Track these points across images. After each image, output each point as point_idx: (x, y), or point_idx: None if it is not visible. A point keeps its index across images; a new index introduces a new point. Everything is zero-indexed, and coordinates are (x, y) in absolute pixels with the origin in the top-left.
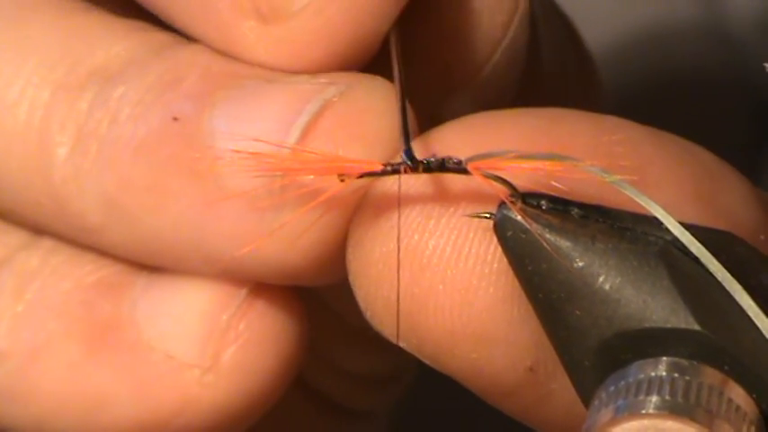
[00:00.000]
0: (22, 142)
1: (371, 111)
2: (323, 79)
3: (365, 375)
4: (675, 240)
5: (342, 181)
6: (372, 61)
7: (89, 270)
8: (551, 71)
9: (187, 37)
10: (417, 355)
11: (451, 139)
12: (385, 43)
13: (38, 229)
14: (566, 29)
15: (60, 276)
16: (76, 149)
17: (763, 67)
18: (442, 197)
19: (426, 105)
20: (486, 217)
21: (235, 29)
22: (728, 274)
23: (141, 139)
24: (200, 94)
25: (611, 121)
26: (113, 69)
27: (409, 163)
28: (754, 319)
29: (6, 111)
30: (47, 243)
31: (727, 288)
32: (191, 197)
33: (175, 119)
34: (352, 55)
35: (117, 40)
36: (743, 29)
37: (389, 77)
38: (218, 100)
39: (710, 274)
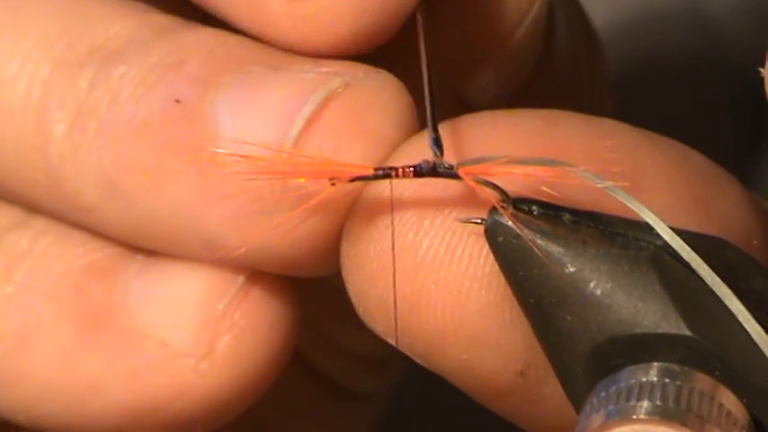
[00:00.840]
0: (20, 118)
1: (376, 105)
2: (326, 68)
3: (366, 355)
4: (667, 246)
5: (333, 185)
6: (395, 38)
7: (81, 253)
8: (564, 48)
9: (209, 14)
10: (409, 354)
11: (448, 141)
12: (410, 19)
13: (30, 207)
14: (574, 5)
15: (51, 258)
16: (75, 127)
17: (758, 72)
18: (436, 200)
19: (451, 80)
20: (477, 222)
21: (262, 5)
22: (719, 280)
23: (142, 120)
24: (204, 77)
25: (607, 125)
26: (113, 48)
27: (437, 152)
28: (744, 324)
29: (4, 86)
30: (37, 223)
31: (718, 293)
32: (190, 181)
33: (178, 101)
34: (377, 33)
35: (117, 19)
36: (722, 12)
37: (412, 55)
38: (221, 84)
39: (701, 279)
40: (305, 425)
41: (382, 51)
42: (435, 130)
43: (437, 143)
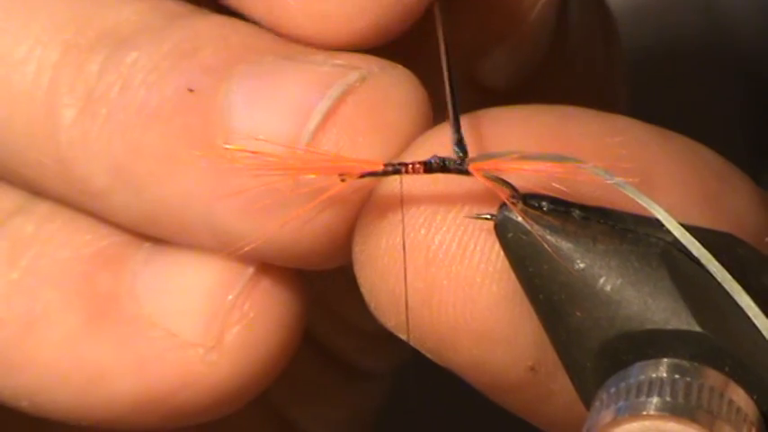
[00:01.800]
0: (29, 102)
1: (393, 101)
2: (340, 60)
3: (374, 333)
4: (677, 242)
5: (343, 181)
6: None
7: (88, 240)
8: (578, 28)
9: (221, 4)
10: (420, 348)
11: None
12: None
13: (36, 191)
14: None
15: (58, 244)
16: (85, 112)
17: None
18: (447, 196)
19: (465, 62)
20: (487, 218)
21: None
22: (729, 276)
23: (154, 108)
24: (218, 66)
25: (619, 122)
26: (124, 33)
27: (460, 152)
28: (754, 320)
29: (13, 69)
30: (42, 208)
31: (728, 289)
32: (201, 171)
33: (191, 90)
34: (393, 27)
35: (128, 4)
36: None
37: (426, 45)
38: (236, 74)
39: (711, 275)
40: (312, 403)
41: (397, 42)
42: (458, 131)
43: (460, 144)
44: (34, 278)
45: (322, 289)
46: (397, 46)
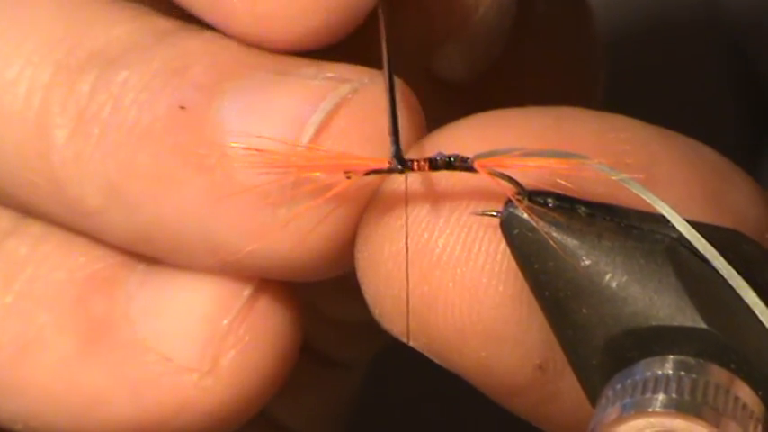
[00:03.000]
0: (20, 122)
1: (385, 111)
2: (331, 73)
3: (348, 323)
4: (682, 238)
5: (348, 178)
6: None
7: (82, 262)
8: (543, 12)
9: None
10: (426, 353)
11: (460, 137)
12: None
13: (28, 211)
14: None
15: (51, 267)
16: (77, 132)
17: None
18: (451, 195)
19: (416, 60)
20: (492, 215)
21: (223, 1)
22: (735, 272)
23: (146, 127)
24: (209, 83)
25: (619, 121)
26: (114, 53)
27: (398, 165)
28: (760, 316)
29: (4, 89)
30: (35, 229)
31: (734, 286)
32: (197, 188)
33: (182, 108)
34: (338, 28)
35: (117, 23)
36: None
37: (373, 47)
38: (227, 91)
39: (717, 271)
40: (289, 395)
41: (344, 43)
42: (396, 132)
43: (396, 144)
44: (28, 301)
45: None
46: (344, 46)
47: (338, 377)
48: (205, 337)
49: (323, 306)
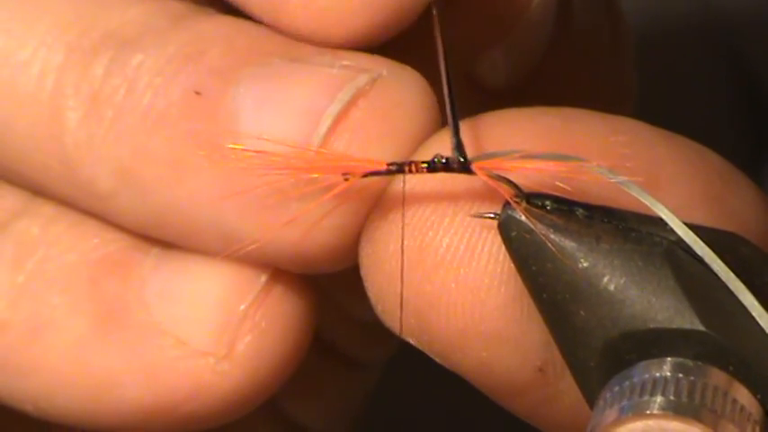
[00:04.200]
0: (33, 104)
1: (404, 104)
2: (347, 61)
3: (368, 323)
4: (680, 241)
5: (346, 180)
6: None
7: (95, 244)
8: (581, 21)
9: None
10: (427, 352)
11: (465, 139)
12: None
13: (40, 193)
14: None
15: (64, 248)
16: (90, 115)
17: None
18: (451, 196)
19: (462, 62)
20: (490, 217)
21: None
22: (733, 275)
23: (161, 111)
24: (225, 69)
25: (624, 123)
26: (128, 35)
27: (461, 159)
28: (758, 319)
29: (17, 71)
30: (47, 210)
31: (732, 288)
32: (209, 174)
33: (197, 93)
34: (392, 25)
35: (131, 5)
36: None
37: (424, 43)
38: (243, 77)
39: (715, 274)
40: (306, 394)
41: (394, 42)
42: (457, 134)
43: (460, 149)
44: (40, 282)
45: (320, 280)
46: (394, 45)
47: (357, 377)
48: (221, 321)
49: (347, 306)
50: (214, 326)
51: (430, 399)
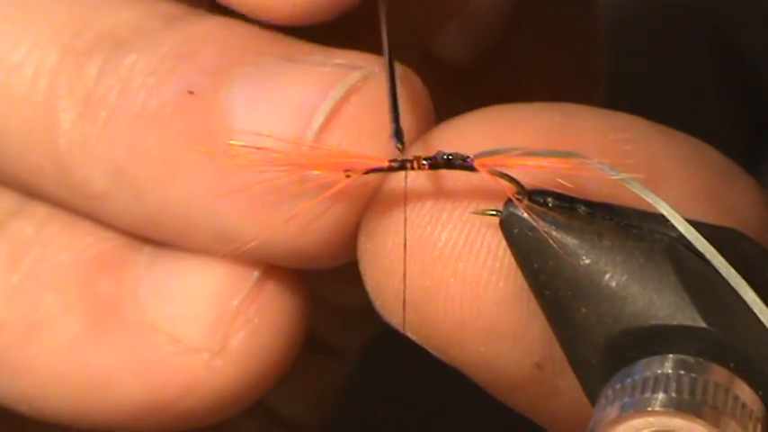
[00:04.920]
0: (27, 105)
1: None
2: (339, 59)
3: (346, 308)
4: (681, 237)
5: (348, 177)
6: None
7: (88, 243)
8: (547, 5)
9: None
10: (425, 346)
11: (464, 134)
12: None
13: (34, 194)
14: None
15: (58, 248)
16: (84, 116)
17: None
18: (452, 193)
19: (416, 39)
20: (492, 214)
21: None
22: (734, 271)
23: (154, 111)
24: (218, 68)
25: (623, 119)
26: (122, 36)
27: (398, 144)
28: (759, 315)
29: (11, 72)
30: (41, 211)
31: (733, 284)
32: (203, 173)
33: (191, 92)
34: (340, 3)
35: (124, 7)
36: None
37: (372, 31)
38: (236, 76)
39: (716, 270)
40: (285, 383)
41: (343, 20)
42: (397, 121)
43: (398, 135)
44: (35, 282)
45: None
46: (346, 23)
47: (331, 363)
48: (214, 317)
49: (321, 291)
50: (207, 322)
51: (409, 387)
